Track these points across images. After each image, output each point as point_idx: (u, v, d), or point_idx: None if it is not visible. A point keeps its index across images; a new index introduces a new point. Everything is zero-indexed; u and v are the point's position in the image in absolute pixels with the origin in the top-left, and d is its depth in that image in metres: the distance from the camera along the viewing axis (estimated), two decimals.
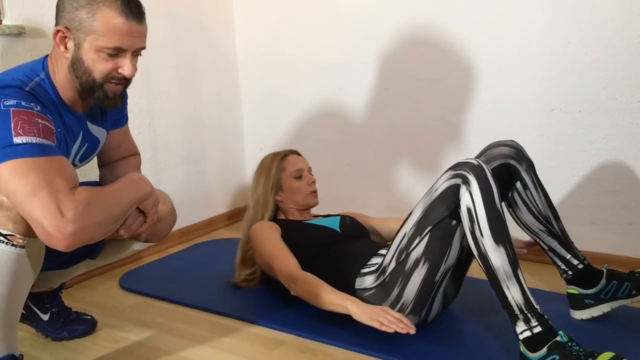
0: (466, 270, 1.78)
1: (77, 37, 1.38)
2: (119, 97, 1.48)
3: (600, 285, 1.73)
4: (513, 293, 1.48)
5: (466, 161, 1.57)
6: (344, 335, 1.74)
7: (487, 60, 2.31)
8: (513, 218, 1.78)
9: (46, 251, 1.41)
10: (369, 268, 1.76)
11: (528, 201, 1.75)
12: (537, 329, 1.45)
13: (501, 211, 1.53)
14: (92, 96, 1.44)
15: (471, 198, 1.51)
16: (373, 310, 1.59)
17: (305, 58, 2.78)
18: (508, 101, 2.30)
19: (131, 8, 1.38)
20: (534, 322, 1.46)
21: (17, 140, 1.26)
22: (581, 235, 2.10)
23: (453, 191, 1.55)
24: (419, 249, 1.62)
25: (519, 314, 1.47)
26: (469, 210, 1.52)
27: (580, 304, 1.76)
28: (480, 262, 1.53)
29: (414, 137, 2.55)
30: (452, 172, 1.57)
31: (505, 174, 1.73)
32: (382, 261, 1.72)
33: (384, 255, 1.73)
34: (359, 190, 2.76)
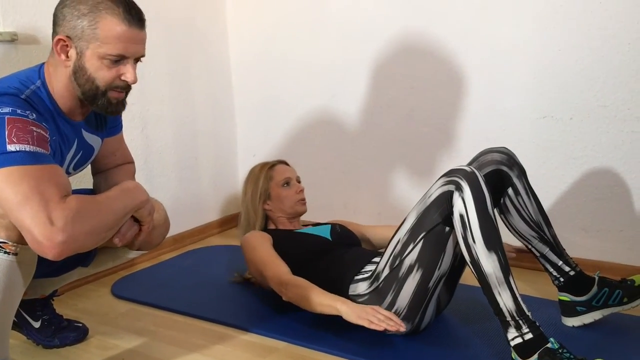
0: (459, 276, 1.79)
1: (79, 46, 1.39)
2: (122, 104, 1.49)
3: (591, 292, 1.74)
4: (505, 299, 1.49)
5: (459, 168, 1.58)
6: (337, 342, 1.74)
7: (479, 67, 2.33)
8: (505, 224, 1.79)
9: (38, 258, 1.40)
10: (363, 275, 1.77)
11: (520, 207, 1.76)
12: (529, 336, 1.46)
13: (493, 218, 1.54)
14: (95, 104, 1.45)
15: (464, 204, 1.52)
16: (362, 309, 1.60)
17: (298, 65, 2.79)
18: (500, 108, 2.31)
19: (133, 15, 1.39)
20: (525, 329, 1.47)
21: (11, 147, 1.26)
22: (572, 241, 2.11)
23: (446, 198, 1.56)
24: (413, 255, 1.62)
25: (511, 321, 1.48)
26: (462, 216, 1.53)
27: (571, 311, 1.77)
28: (472, 269, 1.54)
29: (406, 144, 2.56)
30: (446, 179, 1.58)
31: (497, 180, 1.74)
32: (376, 268, 1.72)
33: (378, 262, 1.74)
34: (352, 196, 2.76)
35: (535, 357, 1.45)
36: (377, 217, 2.65)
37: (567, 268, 1.76)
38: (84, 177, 1.91)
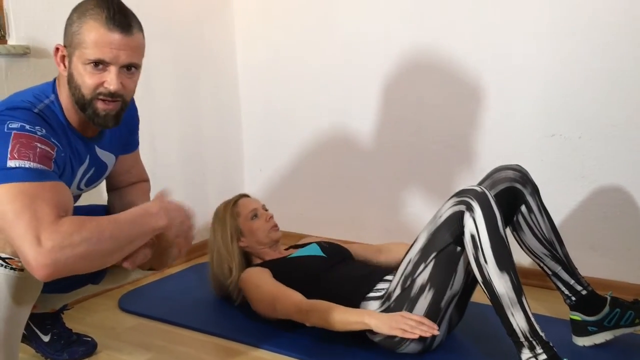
0: (470, 296, 1.78)
1: (69, 52, 1.38)
2: (112, 118, 1.41)
3: (603, 312, 1.73)
4: (518, 320, 1.48)
5: (470, 188, 1.58)
6: (350, 357, 1.73)
7: (488, 85, 2.34)
8: (517, 242, 1.79)
9: None
10: (375, 293, 1.76)
11: (533, 225, 1.76)
12: (542, 356, 1.46)
13: (505, 238, 1.54)
14: (85, 114, 1.40)
15: (475, 225, 1.53)
16: (392, 318, 1.60)
17: (306, 81, 2.80)
18: (508, 126, 2.32)
19: (116, 19, 1.34)
20: (539, 350, 1.46)
21: (10, 163, 1.23)
22: (579, 260, 2.09)
23: (457, 218, 1.56)
24: (424, 275, 1.62)
25: (524, 341, 1.48)
26: (473, 237, 1.53)
27: (583, 331, 1.76)
28: (484, 289, 1.54)
29: (415, 161, 2.56)
30: (456, 199, 1.58)
31: (510, 197, 1.74)
32: (388, 287, 1.72)
33: (390, 281, 1.73)
34: (358, 212, 2.76)
35: None
36: (384, 233, 2.65)
37: (579, 287, 1.76)
38: (96, 192, 1.91)
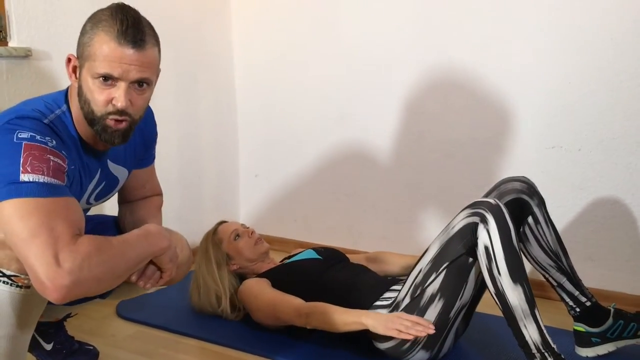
0: (476, 306, 1.79)
1: (81, 63, 1.31)
2: (119, 135, 1.34)
3: (607, 324, 1.76)
4: (530, 332, 1.50)
5: (484, 200, 1.59)
6: None
7: (488, 96, 2.36)
8: (523, 253, 1.80)
9: None
10: (382, 302, 1.76)
11: (539, 236, 1.78)
12: None
13: (518, 250, 1.55)
14: (94, 128, 1.33)
15: (489, 236, 1.53)
16: (388, 318, 1.61)
17: (305, 86, 2.79)
18: (509, 138, 2.34)
19: (128, 33, 1.27)
20: None
21: (24, 177, 1.17)
22: (578, 271, 2.11)
23: (471, 229, 1.57)
24: (435, 285, 1.63)
25: (536, 353, 1.49)
26: (487, 248, 1.54)
27: (586, 342, 1.79)
28: (497, 300, 1.55)
29: (414, 169, 2.57)
30: (470, 211, 1.59)
31: (517, 209, 1.75)
32: (397, 296, 1.72)
33: (399, 290, 1.74)
34: (356, 220, 2.76)
35: None
36: (382, 241, 2.65)
37: (584, 298, 1.78)
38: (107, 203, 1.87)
